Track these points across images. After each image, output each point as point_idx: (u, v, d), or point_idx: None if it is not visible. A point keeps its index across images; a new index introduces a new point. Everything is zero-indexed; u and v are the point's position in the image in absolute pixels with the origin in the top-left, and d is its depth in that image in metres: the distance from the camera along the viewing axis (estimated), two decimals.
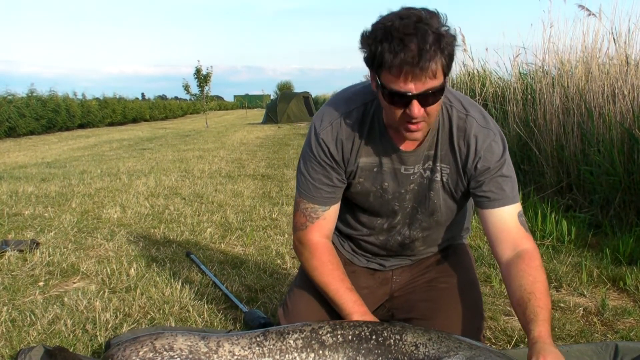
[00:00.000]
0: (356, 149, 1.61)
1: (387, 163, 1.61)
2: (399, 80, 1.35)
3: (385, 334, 1.44)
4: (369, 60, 1.40)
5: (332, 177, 1.63)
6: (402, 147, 1.59)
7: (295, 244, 1.74)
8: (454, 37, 1.37)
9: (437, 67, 1.34)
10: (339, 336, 1.45)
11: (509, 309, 2.33)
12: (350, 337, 1.45)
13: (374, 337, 1.44)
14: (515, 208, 1.56)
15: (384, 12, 1.40)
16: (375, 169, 1.62)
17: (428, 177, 1.62)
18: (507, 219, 1.55)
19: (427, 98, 1.38)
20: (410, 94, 1.36)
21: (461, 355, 1.36)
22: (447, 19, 1.37)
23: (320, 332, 1.47)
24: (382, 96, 1.44)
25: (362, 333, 1.45)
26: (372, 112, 1.59)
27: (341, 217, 1.79)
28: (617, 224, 3.48)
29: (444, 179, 1.61)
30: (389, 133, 1.58)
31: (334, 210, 1.68)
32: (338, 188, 1.66)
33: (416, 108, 1.38)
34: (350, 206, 1.75)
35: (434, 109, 1.42)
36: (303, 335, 1.47)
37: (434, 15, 1.36)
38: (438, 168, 1.60)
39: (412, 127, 1.43)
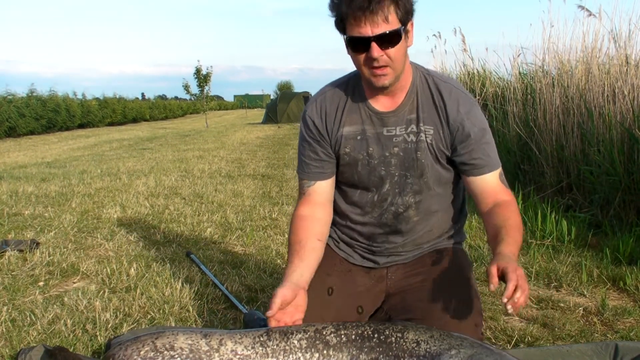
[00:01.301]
0: (339, 119, 1.73)
1: (369, 129, 1.72)
2: (356, 26, 1.51)
3: (387, 332, 1.44)
4: (337, 22, 1.57)
5: (318, 150, 1.76)
6: (382, 109, 1.70)
7: None
8: None
9: (390, 13, 1.50)
10: (342, 336, 1.46)
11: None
12: (353, 336, 1.45)
13: (376, 335, 1.45)
14: (498, 171, 1.71)
15: None
16: (359, 137, 1.73)
17: (413, 141, 1.70)
18: (491, 181, 1.69)
19: (384, 40, 1.51)
20: (367, 36, 1.51)
21: (463, 353, 1.36)
22: None
23: (324, 333, 1.47)
24: (348, 48, 1.59)
25: (365, 332, 1.46)
26: (354, 84, 1.74)
27: (335, 208, 1.85)
28: (617, 224, 3.47)
29: (428, 140, 1.69)
30: (370, 100, 1.71)
31: (320, 186, 1.79)
32: (326, 162, 1.77)
33: (375, 50, 1.52)
34: (340, 189, 1.83)
35: (395, 53, 1.54)
36: (307, 336, 1.47)
37: None
38: (422, 129, 1.69)
39: (377, 71, 1.56)
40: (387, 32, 1.51)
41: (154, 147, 11.32)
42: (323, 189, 1.80)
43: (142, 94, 51.46)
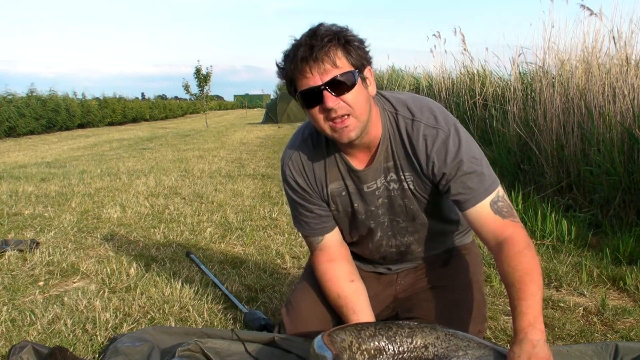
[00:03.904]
0: (322, 176, 1.62)
1: (350, 185, 1.62)
2: (304, 78, 1.39)
3: (398, 339, 1.42)
4: (288, 86, 1.46)
5: (313, 208, 1.66)
6: (358, 166, 1.59)
7: None
8: (356, 37, 1.43)
9: (336, 56, 1.38)
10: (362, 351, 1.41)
11: (508, 308, 2.33)
12: (372, 352, 1.41)
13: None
14: (488, 200, 1.49)
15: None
16: (343, 193, 1.63)
17: (395, 188, 1.60)
18: (482, 213, 1.50)
19: (336, 86, 1.38)
20: (317, 85, 1.38)
21: (470, 354, 1.35)
22: (350, 28, 1.43)
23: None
24: (302, 105, 1.46)
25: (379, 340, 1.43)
26: (325, 137, 1.58)
27: None
28: (617, 224, 3.47)
29: (411, 187, 1.59)
30: (345, 154, 1.59)
31: (328, 238, 1.70)
32: (325, 217, 1.67)
33: (329, 99, 1.38)
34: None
35: (354, 99, 1.41)
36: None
37: (334, 25, 1.42)
38: (402, 177, 1.58)
39: (338, 124, 1.42)
40: (338, 76, 1.38)
41: (154, 147, 11.32)
42: (333, 238, 1.71)
43: (142, 94, 51.54)
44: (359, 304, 1.65)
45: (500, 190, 1.52)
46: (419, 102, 1.57)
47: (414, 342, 1.41)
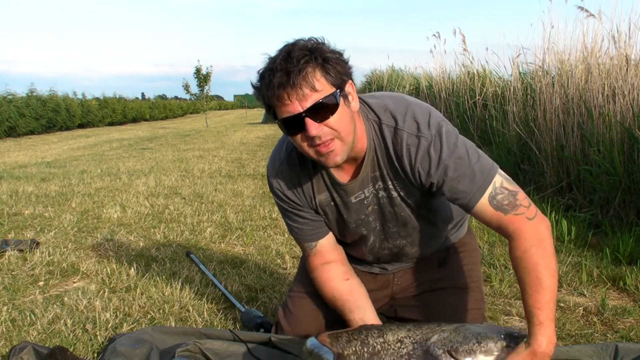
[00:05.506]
0: (310, 188, 1.60)
1: (337, 197, 1.60)
2: (284, 105, 1.32)
3: (371, 341, 1.43)
4: (267, 110, 1.40)
5: (305, 214, 1.64)
6: (343, 179, 1.55)
7: None
8: (335, 52, 1.35)
9: (315, 78, 1.31)
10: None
11: (509, 308, 2.33)
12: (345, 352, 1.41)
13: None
14: (485, 197, 1.42)
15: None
16: (332, 203, 1.61)
17: (384, 196, 1.57)
18: (482, 212, 1.44)
19: (318, 111, 1.32)
20: (297, 113, 1.32)
21: (447, 330, 1.39)
22: (327, 41, 1.37)
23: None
24: (284, 132, 1.41)
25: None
26: None
27: None
28: (617, 224, 3.47)
29: (401, 194, 1.56)
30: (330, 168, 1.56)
31: (322, 243, 1.69)
32: (317, 222, 1.66)
33: (311, 126, 1.32)
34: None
35: (337, 123, 1.35)
36: None
37: (310, 40, 1.35)
38: (390, 186, 1.54)
39: (322, 148, 1.37)
40: (320, 101, 1.31)
41: (154, 147, 11.32)
42: (327, 242, 1.70)
43: (142, 94, 51.61)
44: (356, 303, 1.63)
45: (497, 181, 1.44)
46: (401, 105, 1.50)
47: (387, 339, 1.42)
